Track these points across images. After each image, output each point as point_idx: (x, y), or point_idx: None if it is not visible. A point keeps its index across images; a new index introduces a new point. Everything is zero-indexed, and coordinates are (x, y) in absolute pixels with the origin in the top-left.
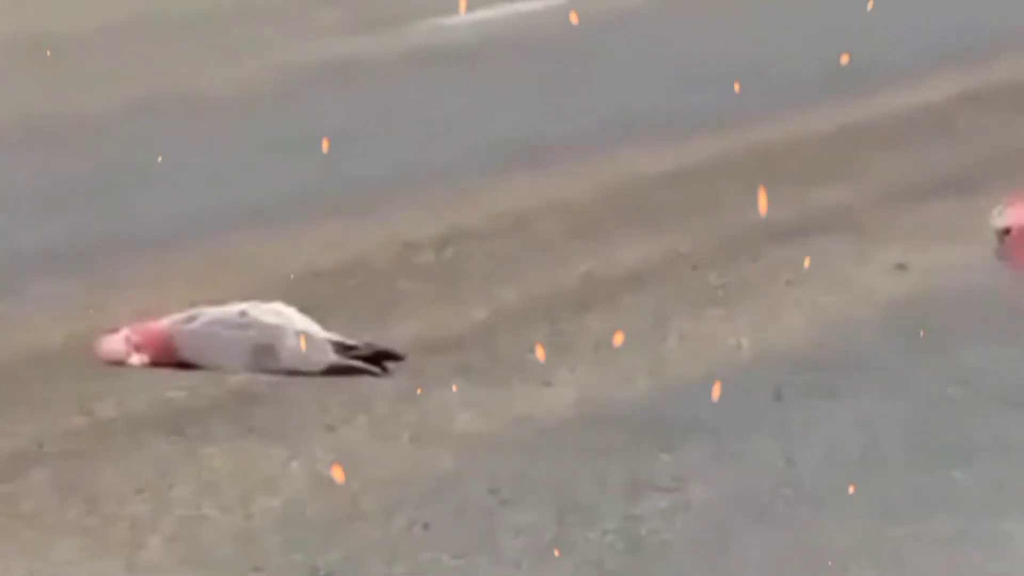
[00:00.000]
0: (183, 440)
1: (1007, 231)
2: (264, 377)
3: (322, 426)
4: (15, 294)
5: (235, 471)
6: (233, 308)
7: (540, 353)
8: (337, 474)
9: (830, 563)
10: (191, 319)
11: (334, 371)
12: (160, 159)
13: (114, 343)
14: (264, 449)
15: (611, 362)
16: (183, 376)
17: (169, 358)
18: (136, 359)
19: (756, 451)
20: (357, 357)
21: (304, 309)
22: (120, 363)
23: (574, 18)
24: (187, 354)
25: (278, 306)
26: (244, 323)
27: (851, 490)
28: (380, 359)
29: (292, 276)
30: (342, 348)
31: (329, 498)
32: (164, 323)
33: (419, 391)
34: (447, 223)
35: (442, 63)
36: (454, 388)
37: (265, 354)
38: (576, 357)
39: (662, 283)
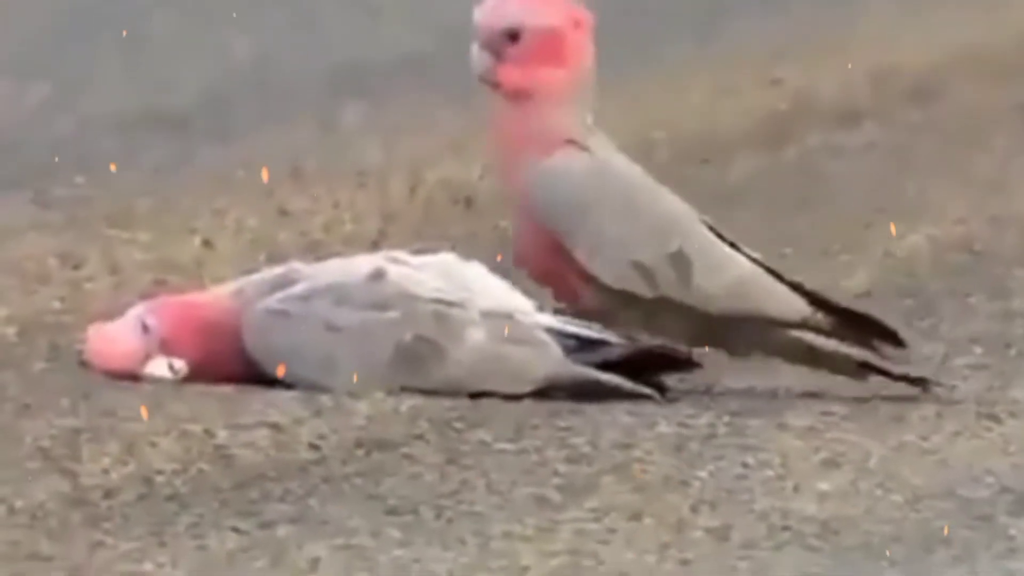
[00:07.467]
0: (259, 529)
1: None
2: (419, 402)
3: (531, 499)
4: None
5: None
6: (358, 264)
7: None
8: None
9: None
10: (274, 287)
11: (558, 391)
12: None
13: (118, 336)
14: (426, 549)
15: None
16: (257, 402)
17: (228, 366)
18: (163, 367)
19: None
20: (611, 365)
21: (499, 269)
22: (131, 376)
23: None
24: (266, 358)
25: (449, 259)
26: (380, 297)
27: None
28: (649, 369)
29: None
30: (582, 346)
31: None
32: (218, 296)
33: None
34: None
35: None
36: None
37: (422, 358)
38: None
39: None
